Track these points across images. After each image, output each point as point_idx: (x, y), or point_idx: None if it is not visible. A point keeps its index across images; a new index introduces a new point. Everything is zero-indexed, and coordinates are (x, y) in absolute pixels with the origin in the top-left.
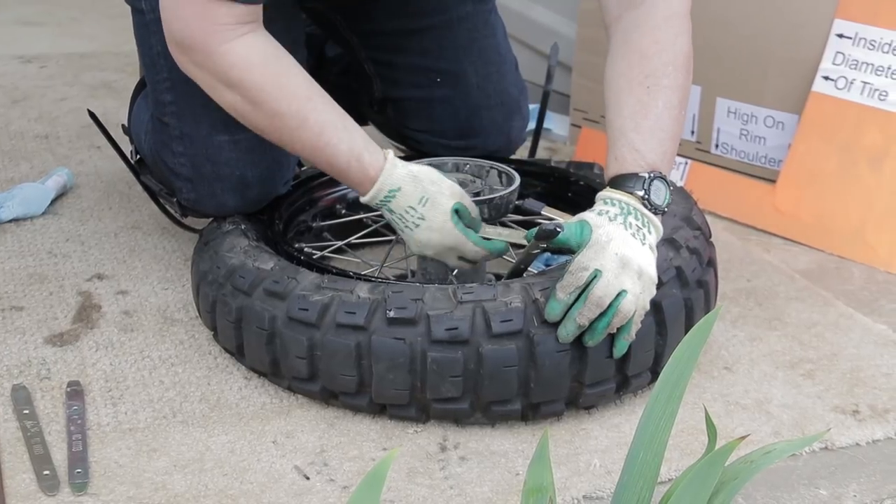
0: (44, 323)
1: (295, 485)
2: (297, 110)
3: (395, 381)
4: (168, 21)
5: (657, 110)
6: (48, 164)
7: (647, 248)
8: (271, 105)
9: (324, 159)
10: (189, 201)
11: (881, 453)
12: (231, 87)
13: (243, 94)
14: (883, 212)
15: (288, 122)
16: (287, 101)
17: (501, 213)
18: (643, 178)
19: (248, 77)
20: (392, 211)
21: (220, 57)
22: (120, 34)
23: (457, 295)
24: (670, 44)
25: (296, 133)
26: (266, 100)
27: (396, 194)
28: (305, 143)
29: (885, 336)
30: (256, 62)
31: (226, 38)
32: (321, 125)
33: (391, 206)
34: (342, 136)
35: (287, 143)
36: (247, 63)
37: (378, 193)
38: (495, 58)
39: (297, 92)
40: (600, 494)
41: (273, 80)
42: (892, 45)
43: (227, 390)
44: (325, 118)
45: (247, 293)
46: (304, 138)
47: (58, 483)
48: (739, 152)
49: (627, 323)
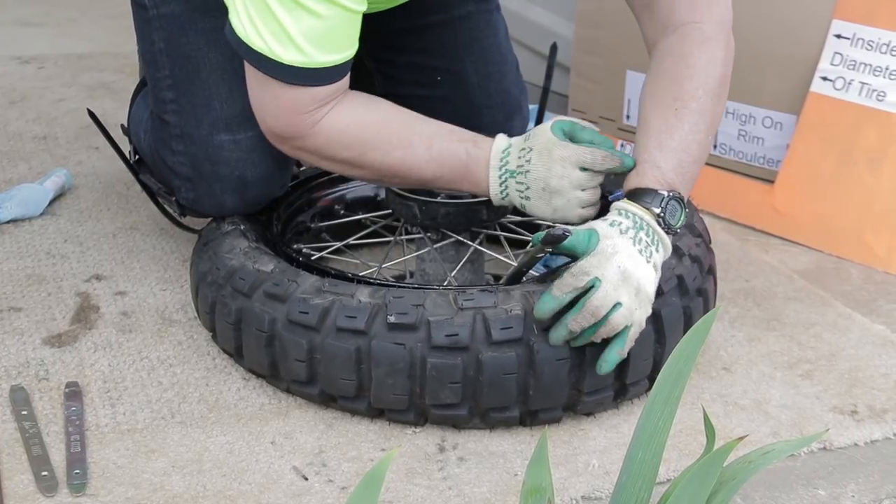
0: (42, 324)
1: (293, 485)
2: (399, 141)
3: (395, 386)
4: (260, 117)
5: (682, 132)
6: (46, 164)
7: (651, 267)
8: (378, 149)
9: (444, 166)
10: (188, 201)
11: (879, 453)
12: (334, 155)
13: (347, 157)
14: (881, 212)
15: (397, 155)
16: (388, 139)
17: (500, 214)
18: (661, 196)
19: (346, 139)
20: (512, 172)
21: (313, 139)
22: (118, 35)
23: (457, 301)
24: (702, 68)
25: (409, 161)
26: (371, 147)
27: (510, 150)
28: (421, 164)
29: (884, 336)
30: (349, 122)
31: (314, 121)
32: (428, 139)
33: (509, 167)
34: (451, 136)
35: (404, 174)
36: (340, 127)
37: (495, 161)
38: (496, 57)
39: (392, 127)
40: (599, 495)
41: (370, 129)
42: (890, 46)
43: (225, 391)
44: (428, 131)
45: (246, 295)
46: (417, 160)
47: (56, 484)
48: (738, 153)
49: (620, 337)
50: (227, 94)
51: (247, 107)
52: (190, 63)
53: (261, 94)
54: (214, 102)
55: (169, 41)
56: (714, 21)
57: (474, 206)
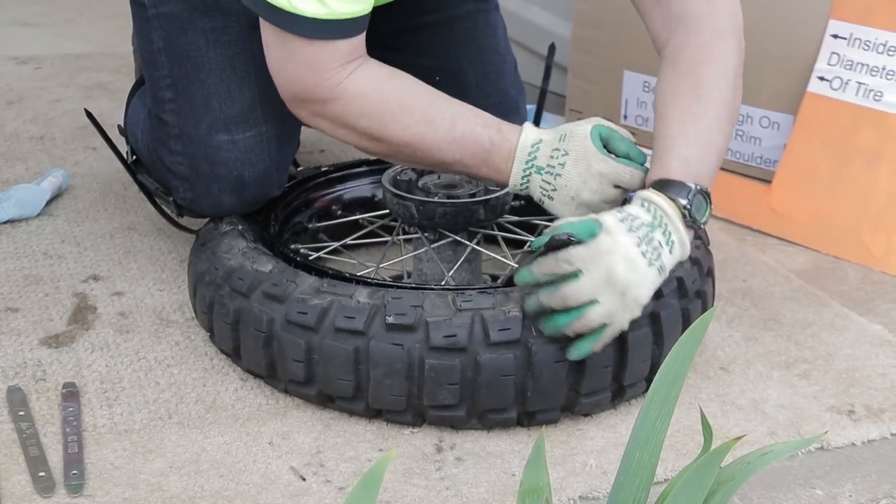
0: (39, 324)
1: (291, 486)
2: (421, 117)
3: (393, 386)
4: (279, 81)
5: (707, 120)
6: (43, 165)
7: (654, 270)
8: (399, 121)
9: (465, 149)
10: (185, 201)
11: (876, 453)
12: (354, 123)
13: (367, 125)
14: (878, 212)
15: (418, 131)
16: (411, 113)
17: (497, 214)
18: (688, 189)
19: (368, 105)
20: (540, 168)
21: (336, 99)
22: (115, 35)
23: (456, 302)
24: (720, 58)
25: (429, 139)
26: (392, 119)
27: (540, 146)
28: (441, 144)
29: (881, 336)
30: (372, 89)
31: (336, 80)
32: (451, 119)
33: (537, 163)
34: (475, 120)
35: (423, 152)
36: (363, 92)
37: (522, 153)
38: (494, 58)
39: (416, 101)
40: (596, 495)
41: (392, 99)
42: (887, 46)
43: (223, 391)
44: (452, 111)
45: (245, 295)
46: (438, 139)
47: (53, 485)
48: (735, 153)
49: (595, 333)
50: (226, 94)
51: (245, 107)
52: (189, 63)
53: (280, 54)
54: (213, 102)
55: (168, 40)
56: (728, 17)
57: (471, 206)
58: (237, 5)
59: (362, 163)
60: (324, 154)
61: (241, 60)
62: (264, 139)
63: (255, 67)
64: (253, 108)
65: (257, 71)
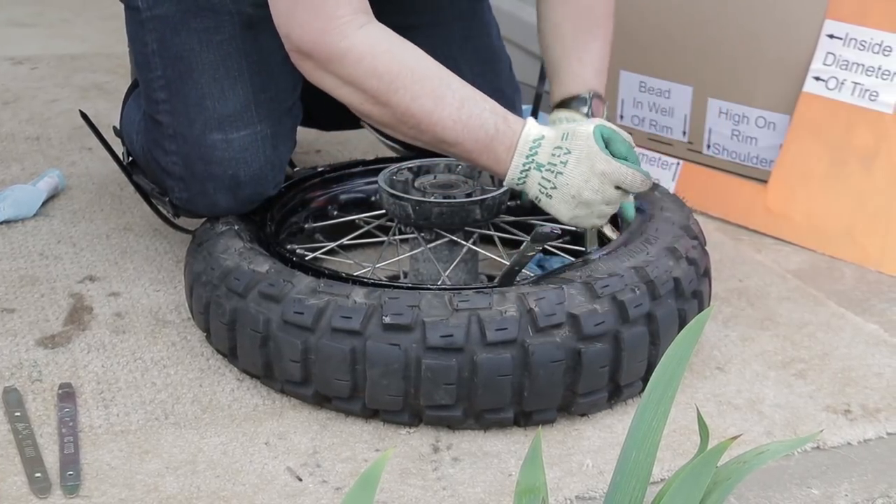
0: (35, 325)
1: (288, 486)
2: (432, 90)
3: (389, 386)
4: (286, 31)
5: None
6: (39, 165)
7: None
8: (408, 89)
9: (469, 133)
10: (181, 200)
11: (873, 453)
12: (362, 82)
13: (376, 87)
14: (874, 212)
15: (426, 104)
16: (421, 84)
17: (494, 214)
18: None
19: (379, 65)
20: (540, 165)
21: (346, 52)
22: (111, 36)
23: (453, 302)
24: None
25: (435, 114)
26: (402, 85)
27: (541, 142)
28: (447, 122)
29: (877, 336)
30: (384, 48)
31: (346, 32)
32: (460, 99)
33: (538, 160)
34: (483, 104)
35: (426, 126)
36: (375, 51)
37: (524, 147)
38: (489, 56)
39: (428, 73)
40: (593, 495)
41: (404, 64)
42: (883, 46)
43: (219, 392)
44: (462, 93)
45: (241, 295)
46: (444, 116)
47: (49, 485)
48: (731, 153)
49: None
50: (220, 94)
51: (239, 106)
52: (182, 63)
53: (287, 2)
54: (207, 102)
55: (161, 42)
56: None
57: (468, 206)
58: (230, 6)
59: (358, 163)
60: (320, 154)
61: (235, 60)
62: (259, 138)
63: (249, 67)
64: (247, 108)
65: (251, 70)
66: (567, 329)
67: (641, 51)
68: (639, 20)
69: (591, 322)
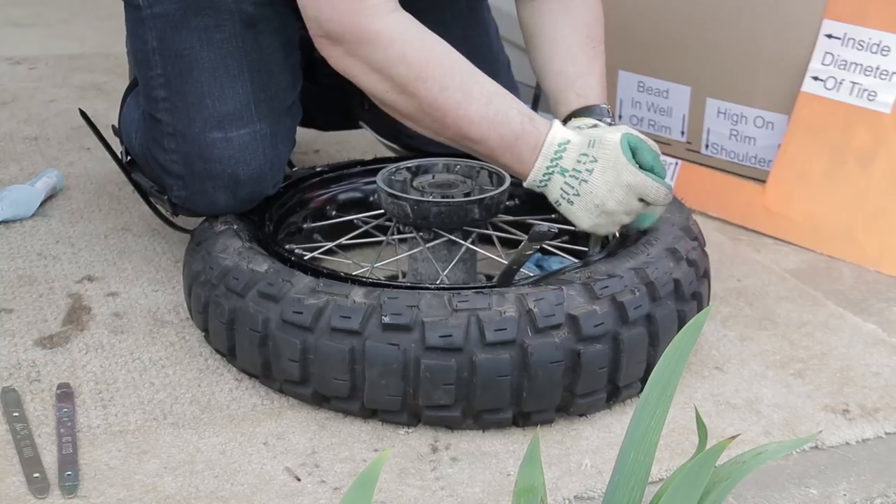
0: (33, 325)
1: (286, 486)
2: (461, 83)
3: (388, 386)
4: (315, 13)
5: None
6: (37, 165)
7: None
8: (437, 80)
9: (495, 130)
10: (180, 199)
11: (871, 452)
12: (391, 69)
13: (404, 74)
14: (872, 211)
15: (454, 97)
16: (451, 76)
17: (492, 214)
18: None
19: (409, 52)
20: (564, 170)
21: (376, 36)
22: (110, 36)
23: (452, 302)
24: (601, 19)
25: (462, 108)
26: (431, 75)
27: (567, 146)
28: (473, 117)
29: (875, 335)
30: (415, 36)
31: (377, 14)
32: (488, 95)
33: (562, 164)
34: (510, 102)
35: (452, 120)
36: (405, 37)
37: (549, 148)
38: (488, 56)
39: (457, 66)
40: (591, 495)
41: (434, 54)
42: (881, 46)
43: (217, 392)
44: (489, 88)
45: (240, 295)
46: (471, 111)
47: (48, 486)
48: (729, 153)
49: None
50: (220, 92)
51: (239, 105)
52: (182, 61)
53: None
54: (207, 100)
55: (162, 40)
56: None
57: (466, 206)
58: (230, 4)
59: (357, 163)
60: (318, 154)
61: (235, 58)
62: (258, 137)
63: (249, 65)
64: (246, 106)
65: (251, 69)
66: (566, 330)
67: (640, 51)
68: (637, 20)
69: (591, 323)
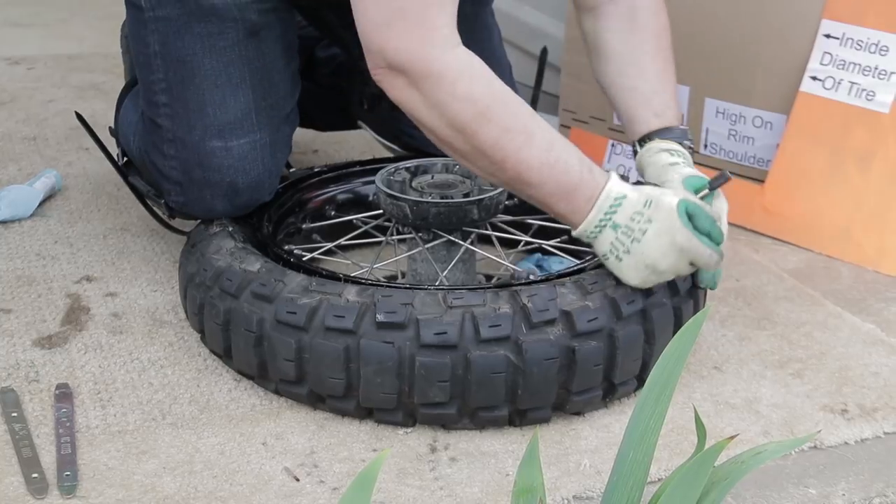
0: (32, 325)
1: (285, 486)
2: (524, 125)
3: (383, 384)
4: (379, 45)
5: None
6: (36, 165)
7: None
8: (501, 120)
9: (554, 177)
10: (177, 204)
11: (870, 452)
12: (451, 105)
13: (469, 111)
14: (871, 211)
15: (516, 139)
16: (514, 118)
17: (491, 214)
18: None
19: (476, 89)
20: (617, 226)
21: (443, 71)
22: (108, 36)
23: (446, 300)
24: (667, 27)
25: (523, 151)
26: (496, 115)
27: (623, 202)
28: (532, 162)
29: (874, 335)
30: (480, 74)
31: (446, 47)
32: (549, 141)
33: (616, 219)
34: (570, 150)
35: (512, 164)
36: (472, 74)
37: (605, 202)
38: (492, 61)
39: (521, 108)
40: (590, 494)
41: (499, 94)
42: (879, 46)
43: (216, 392)
44: (550, 135)
45: (234, 296)
46: (531, 156)
47: (46, 486)
48: (728, 152)
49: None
50: (221, 101)
51: (240, 114)
52: (184, 68)
53: (385, 13)
54: (208, 109)
55: (164, 44)
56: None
57: (465, 206)
58: (234, 12)
59: (356, 163)
60: (317, 154)
61: (237, 67)
62: (258, 146)
63: (251, 74)
64: (247, 116)
65: (252, 78)
66: (560, 326)
67: None
68: None
69: (584, 318)
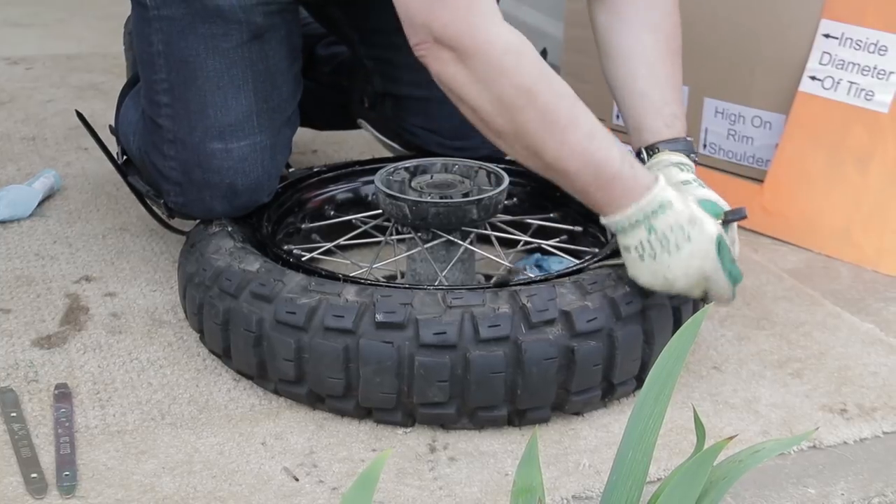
0: (31, 325)
1: (284, 486)
2: (568, 108)
3: (383, 384)
4: (426, 18)
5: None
6: (35, 165)
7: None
8: (544, 98)
9: (592, 165)
10: (176, 205)
11: (869, 452)
12: (499, 80)
13: (517, 85)
14: (869, 211)
15: (559, 120)
16: (558, 98)
17: (490, 214)
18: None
19: (525, 64)
20: (653, 229)
21: (492, 43)
22: (107, 36)
23: (446, 300)
24: (679, 27)
25: (565, 134)
26: (541, 91)
27: (668, 210)
28: (574, 147)
29: (873, 335)
30: (529, 50)
31: (494, 20)
32: (591, 128)
33: (655, 223)
34: (612, 140)
35: (553, 147)
36: (520, 49)
37: (649, 205)
38: None
39: (564, 90)
40: (589, 494)
41: (544, 72)
42: (878, 45)
43: (215, 392)
44: (593, 122)
45: (233, 296)
46: (573, 140)
47: (45, 486)
48: (727, 152)
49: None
50: (223, 103)
51: (241, 116)
52: (187, 68)
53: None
54: (209, 110)
55: (167, 44)
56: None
57: (464, 206)
58: (240, 14)
59: (355, 163)
60: (316, 154)
61: (240, 69)
62: (258, 149)
63: (254, 76)
64: (248, 118)
65: (255, 80)
66: (560, 326)
67: None
68: None
69: (584, 318)
